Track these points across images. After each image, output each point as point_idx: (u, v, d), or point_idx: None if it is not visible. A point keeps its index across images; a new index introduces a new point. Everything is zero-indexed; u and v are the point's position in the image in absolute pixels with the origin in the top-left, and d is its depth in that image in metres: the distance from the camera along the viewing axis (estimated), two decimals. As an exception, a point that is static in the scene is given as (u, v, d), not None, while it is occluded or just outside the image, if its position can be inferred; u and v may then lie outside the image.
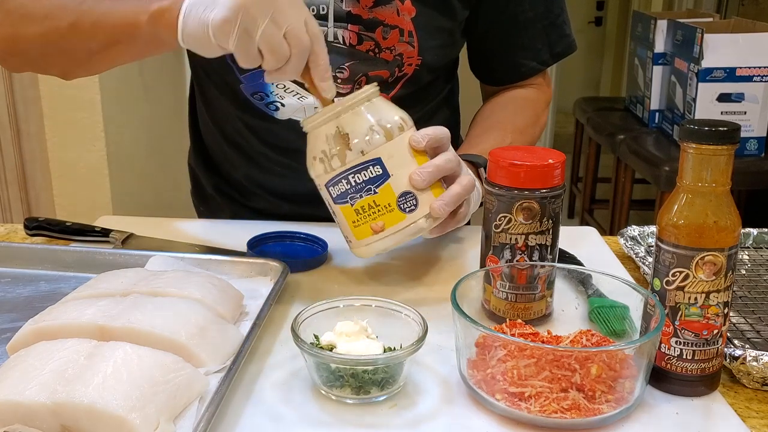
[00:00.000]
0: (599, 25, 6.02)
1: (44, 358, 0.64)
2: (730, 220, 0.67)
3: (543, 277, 0.80)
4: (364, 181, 0.82)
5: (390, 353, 0.69)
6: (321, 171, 0.83)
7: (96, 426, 0.59)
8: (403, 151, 0.82)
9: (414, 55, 1.04)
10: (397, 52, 1.04)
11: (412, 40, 1.03)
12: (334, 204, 0.84)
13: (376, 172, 0.81)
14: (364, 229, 0.83)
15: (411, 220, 0.82)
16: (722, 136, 0.65)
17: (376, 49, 1.02)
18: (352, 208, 0.83)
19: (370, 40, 1.02)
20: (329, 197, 0.84)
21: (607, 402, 0.65)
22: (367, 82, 1.04)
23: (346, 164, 0.81)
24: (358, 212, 0.83)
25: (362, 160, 0.81)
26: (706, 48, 2.39)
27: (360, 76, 1.04)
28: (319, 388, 0.70)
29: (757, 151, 2.46)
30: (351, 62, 1.02)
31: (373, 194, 0.82)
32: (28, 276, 0.91)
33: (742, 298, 0.89)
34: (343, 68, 1.03)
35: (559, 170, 0.79)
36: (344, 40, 1.02)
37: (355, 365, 0.68)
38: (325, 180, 0.83)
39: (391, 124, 0.82)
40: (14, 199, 2.31)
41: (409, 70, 1.06)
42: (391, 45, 1.02)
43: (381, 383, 0.68)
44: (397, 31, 1.02)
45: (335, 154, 0.81)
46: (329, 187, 0.83)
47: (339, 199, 0.83)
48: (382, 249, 0.84)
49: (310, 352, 0.68)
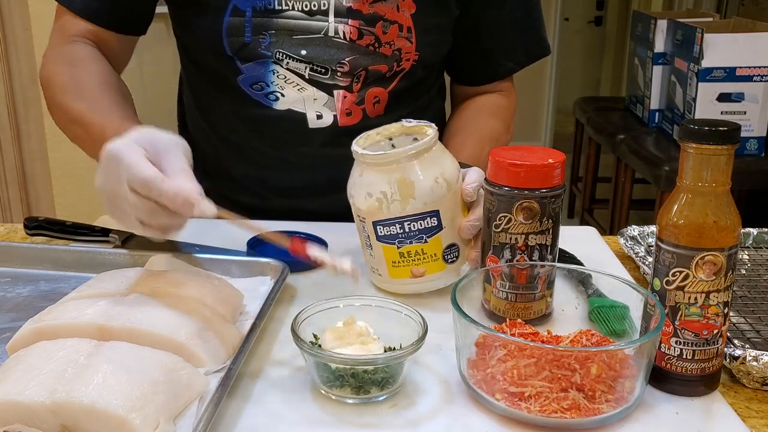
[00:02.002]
0: (599, 25, 6.03)
1: (44, 358, 0.64)
2: (730, 220, 0.67)
3: (543, 277, 0.80)
4: (418, 229, 0.84)
5: (390, 353, 0.69)
6: (374, 209, 0.83)
7: (96, 426, 0.59)
8: (456, 202, 0.85)
9: (412, 51, 1.06)
10: (396, 47, 1.05)
11: (411, 36, 1.05)
12: (377, 241, 0.85)
13: (432, 223, 0.84)
14: (403, 271, 0.85)
15: (451, 270, 0.86)
16: (722, 136, 0.65)
17: (376, 44, 1.04)
18: (397, 251, 0.85)
19: (370, 34, 1.03)
20: (373, 233, 0.85)
21: (607, 402, 0.65)
22: (367, 76, 1.06)
23: (406, 212, 0.83)
24: (402, 255, 0.85)
25: (422, 211, 0.83)
26: (706, 48, 2.39)
27: (360, 70, 1.05)
28: (319, 388, 0.70)
29: (757, 151, 2.46)
30: (351, 57, 1.04)
31: (423, 243, 0.84)
32: (28, 276, 0.91)
33: (742, 298, 0.89)
34: (344, 63, 1.04)
35: (559, 170, 0.79)
36: (345, 35, 1.03)
37: (355, 365, 0.68)
38: (376, 218, 0.84)
39: (452, 176, 0.85)
40: (14, 199, 2.31)
41: (407, 65, 1.07)
42: (390, 40, 1.04)
43: (381, 383, 0.68)
44: (397, 26, 1.04)
45: (396, 200, 0.83)
46: (377, 226, 0.84)
47: (385, 239, 0.84)
48: (413, 291, 0.86)
49: (310, 352, 0.68)
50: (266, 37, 1.02)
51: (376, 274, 0.88)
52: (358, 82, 1.06)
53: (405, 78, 1.08)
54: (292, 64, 1.03)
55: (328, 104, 1.07)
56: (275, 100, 1.06)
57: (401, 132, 0.90)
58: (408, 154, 0.83)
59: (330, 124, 1.07)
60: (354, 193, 0.85)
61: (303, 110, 1.07)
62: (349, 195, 0.87)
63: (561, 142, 5.05)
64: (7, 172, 2.27)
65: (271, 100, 1.07)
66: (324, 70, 1.04)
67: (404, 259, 0.85)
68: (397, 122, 0.91)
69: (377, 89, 1.08)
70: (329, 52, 1.03)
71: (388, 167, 0.83)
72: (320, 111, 1.07)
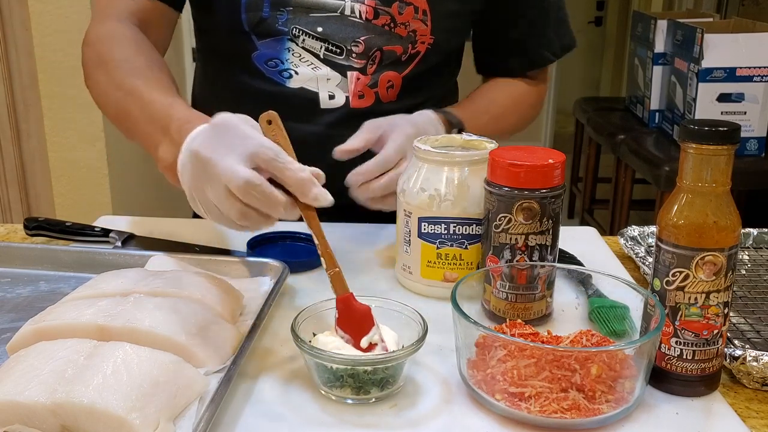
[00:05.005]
0: (599, 25, 6.03)
1: (44, 358, 0.64)
2: (730, 220, 0.67)
3: (543, 277, 0.80)
4: (461, 234, 0.84)
5: (390, 353, 0.69)
6: (424, 205, 0.84)
7: (96, 426, 0.59)
8: None
9: (427, 34, 1.07)
10: (411, 29, 1.06)
11: (426, 19, 1.06)
12: (418, 238, 0.85)
13: (476, 231, 0.84)
14: (436, 272, 0.85)
15: None
16: (722, 136, 0.65)
17: (391, 24, 1.05)
18: (436, 250, 0.85)
19: (386, 14, 1.05)
20: (416, 229, 0.85)
21: (607, 402, 0.65)
22: (382, 56, 1.07)
23: (456, 213, 0.84)
24: (439, 256, 0.85)
25: (470, 216, 0.84)
26: (706, 48, 2.39)
27: (375, 50, 1.06)
28: (319, 388, 0.70)
29: (757, 151, 2.46)
30: (366, 36, 1.05)
31: (463, 248, 0.85)
32: (28, 276, 0.91)
33: (742, 298, 0.89)
34: (359, 42, 1.05)
35: (560, 170, 0.79)
36: (361, 14, 1.04)
37: (354, 365, 0.68)
38: (424, 215, 0.84)
39: None
40: (14, 199, 2.31)
41: (422, 48, 1.08)
42: (405, 21, 1.06)
43: (381, 383, 0.68)
44: (412, 8, 1.05)
45: (449, 200, 0.84)
46: (423, 222, 0.85)
47: (427, 237, 0.85)
48: (439, 296, 0.86)
49: (310, 352, 0.68)
50: (284, 14, 1.04)
51: (406, 272, 0.89)
52: (373, 64, 1.07)
53: (420, 63, 1.09)
54: (308, 42, 1.05)
55: (341, 85, 1.07)
56: (288, 78, 1.07)
57: (460, 144, 0.91)
58: (470, 159, 0.85)
59: (342, 105, 1.08)
60: (406, 187, 0.86)
61: (316, 89, 1.07)
62: (400, 190, 0.88)
63: (561, 142, 5.05)
64: (7, 172, 2.27)
65: (285, 77, 1.07)
66: (339, 50, 1.05)
67: (440, 260, 0.86)
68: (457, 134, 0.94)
69: (391, 73, 1.08)
70: (345, 30, 1.04)
71: (449, 167, 0.85)
72: (333, 91, 1.07)
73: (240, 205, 0.73)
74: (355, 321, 0.71)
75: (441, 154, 0.85)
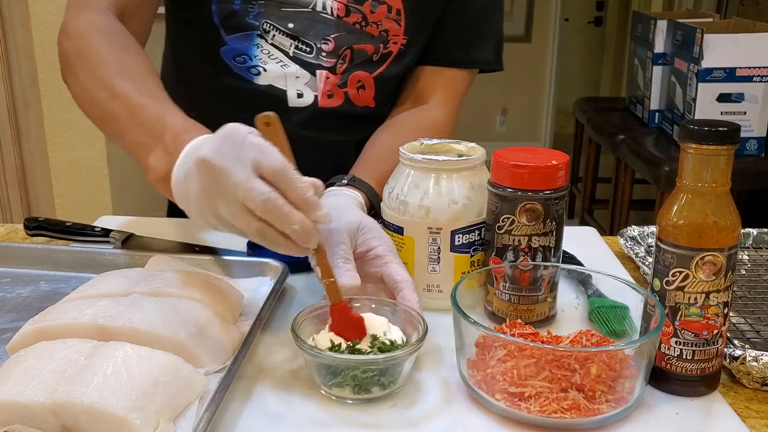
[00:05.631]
0: (599, 25, 6.03)
1: (44, 358, 0.64)
2: (730, 220, 0.67)
3: (546, 279, 0.80)
4: (484, 239, 0.83)
5: (390, 353, 0.69)
6: (457, 217, 0.81)
7: (96, 426, 0.59)
8: None
9: (400, 34, 1.06)
10: (383, 28, 1.05)
11: (400, 18, 1.05)
12: (451, 252, 0.83)
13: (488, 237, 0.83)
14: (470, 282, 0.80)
15: None
16: (722, 136, 0.65)
17: (363, 22, 1.04)
18: (470, 259, 0.84)
19: (357, 12, 1.03)
20: (448, 244, 0.82)
21: (607, 402, 0.65)
22: (352, 55, 1.05)
23: (483, 217, 0.83)
24: (473, 264, 0.84)
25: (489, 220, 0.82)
26: (706, 48, 2.39)
27: (345, 48, 1.05)
28: (319, 387, 0.70)
29: (757, 151, 2.46)
30: (337, 34, 1.04)
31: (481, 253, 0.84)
32: (28, 276, 0.91)
33: (742, 298, 0.89)
34: (329, 39, 1.04)
35: (563, 171, 0.79)
36: (332, 11, 1.03)
37: (355, 365, 0.68)
38: (457, 227, 0.82)
39: None
40: (14, 199, 2.31)
41: (394, 48, 1.07)
42: (378, 20, 1.04)
43: (381, 383, 0.68)
44: (386, 7, 1.04)
45: (480, 206, 0.83)
46: (456, 234, 0.82)
47: (461, 248, 0.83)
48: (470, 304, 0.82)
49: (310, 352, 0.68)
50: (255, 7, 1.02)
51: (434, 292, 0.84)
52: (343, 63, 1.05)
53: (392, 64, 1.08)
54: (278, 38, 1.03)
55: (309, 83, 1.06)
56: (257, 75, 1.06)
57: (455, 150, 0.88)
58: (482, 160, 0.84)
59: (310, 104, 1.07)
60: (432, 204, 0.81)
61: (284, 87, 1.06)
62: (421, 211, 0.82)
63: (561, 142, 5.05)
64: (7, 172, 2.27)
65: (253, 74, 1.06)
66: (309, 48, 1.04)
67: (474, 269, 0.84)
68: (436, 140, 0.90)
69: (362, 73, 1.07)
70: (316, 27, 1.03)
71: (469, 173, 0.83)
72: (301, 90, 1.06)
73: (257, 222, 0.67)
74: (349, 329, 0.72)
75: (461, 161, 0.82)
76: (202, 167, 0.69)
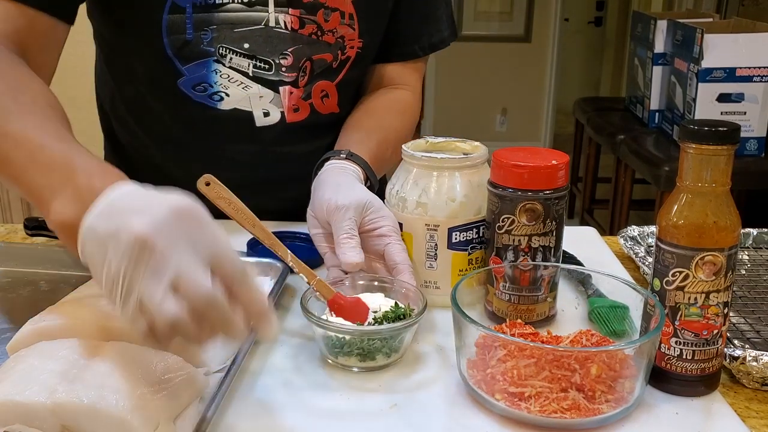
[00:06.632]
0: (599, 25, 6.03)
1: (44, 358, 0.64)
2: (730, 220, 0.67)
3: (546, 279, 0.80)
4: (482, 237, 0.84)
5: (393, 324, 0.73)
6: (455, 214, 0.82)
7: (96, 426, 0.59)
8: None
9: (355, 38, 1.06)
10: (339, 35, 1.05)
11: (353, 23, 1.05)
12: (448, 249, 0.83)
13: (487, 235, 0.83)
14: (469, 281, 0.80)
15: None
16: (722, 136, 0.65)
17: (318, 32, 1.03)
18: (467, 257, 0.84)
19: (311, 23, 1.02)
20: (445, 242, 0.83)
21: (607, 402, 0.65)
22: (312, 66, 1.05)
23: (482, 214, 0.83)
24: (470, 262, 0.84)
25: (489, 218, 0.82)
26: (706, 48, 2.39)
27: (304, 60, 1.04)
28: (326, 358, 0.75)
29: (757, 151, 2.46)
30: (294, 47, 1.03)
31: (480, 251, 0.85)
32: (28, 276, 0.91)
33: (742, 298, 0.89)
34: (287, 54, 1.03)
35: (563, 171, 0.79)
36: (286, 25, 1.02)
37: (360, 335, 0.72)
38: (454, 224, 0.83)
39: None
40: (14, 199, 2.31)
41: (352, 53, 1.07)
42: (332, 27, 1.04)
43: (385, 352, 0.73)
44: (338, 13, 1.03)
45: (479, 204, 0.83)
46: (453, 232, 0.83)
47: (459, 246, 0.83)
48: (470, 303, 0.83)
49: (318, 323, 0.73)
50: (208, 33, 1.00)
51: (431, 289, 0.85)
52: (305, 76, 1.05)
53: (351, 68, 1.08)
54: (235, 60, 1.01)
55: (274, 101, 1.05)
56: (220, 101, 1.04)
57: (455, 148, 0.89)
58: (483, 159, 0.84)
59: (278, 121, 1.06)
60: (429, 201, 0.82)
61: (249, 108, 1.04)
62: (419, 208, 0.83)
63: (561, 142, 5.06)
64: (7, 173, 2.28)
65: (216, 100, 1.04)
66: (268, 66, 1.03)
67: (472, 267, 0.85)
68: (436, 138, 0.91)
69: (324, 83, 1.07)
70: (272, 43, 1.02)
71: (468, 171, 0.83)
72: (267, 108, 1.05)
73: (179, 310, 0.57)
74: (352, 312, 0.75)
75: (460, 159, 0.83)
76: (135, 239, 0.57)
